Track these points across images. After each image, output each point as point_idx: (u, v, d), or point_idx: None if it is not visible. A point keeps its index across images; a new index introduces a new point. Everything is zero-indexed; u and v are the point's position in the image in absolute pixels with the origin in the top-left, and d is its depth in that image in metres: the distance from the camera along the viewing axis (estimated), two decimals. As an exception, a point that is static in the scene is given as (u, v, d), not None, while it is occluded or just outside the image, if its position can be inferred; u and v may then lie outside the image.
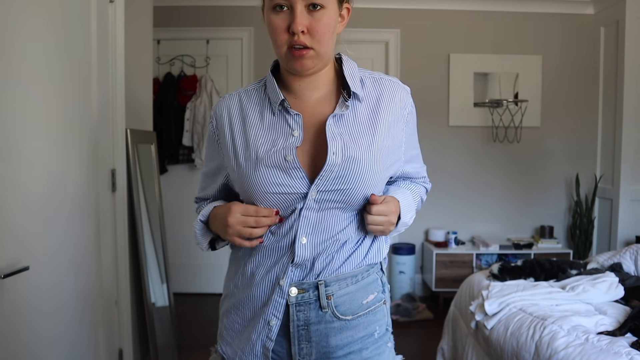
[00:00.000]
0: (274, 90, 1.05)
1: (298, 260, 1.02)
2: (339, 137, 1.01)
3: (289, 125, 1.04)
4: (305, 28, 0.97)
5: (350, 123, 1.04)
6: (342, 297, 1.05)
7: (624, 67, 3.77)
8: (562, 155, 4.26)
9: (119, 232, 2.21)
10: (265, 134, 1.05)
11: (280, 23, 0.98)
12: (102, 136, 2.04)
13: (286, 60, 1.01)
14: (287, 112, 1.04)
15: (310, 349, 1.05)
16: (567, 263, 2.70)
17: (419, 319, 3.70)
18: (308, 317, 1.04)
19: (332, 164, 0.99)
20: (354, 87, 1.05)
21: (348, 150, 1.01)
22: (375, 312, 1.10)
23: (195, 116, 4.07)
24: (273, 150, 1.02)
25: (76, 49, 1.81)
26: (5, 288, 1.37)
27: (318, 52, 1.00)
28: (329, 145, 1.00)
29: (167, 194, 3.76)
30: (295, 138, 1.02)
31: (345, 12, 1.06)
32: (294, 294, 1.03)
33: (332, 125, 1.02)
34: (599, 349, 1.79)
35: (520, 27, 4.17)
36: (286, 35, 0.98)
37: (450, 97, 4.16)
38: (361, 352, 1.07)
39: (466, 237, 4.26)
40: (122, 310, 2.24)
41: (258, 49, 4.12)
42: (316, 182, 1.00)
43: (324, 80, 1.07)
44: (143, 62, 2.73)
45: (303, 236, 1.02)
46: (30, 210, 1.51)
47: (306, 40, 0.97)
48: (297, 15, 0.96)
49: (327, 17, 0.98)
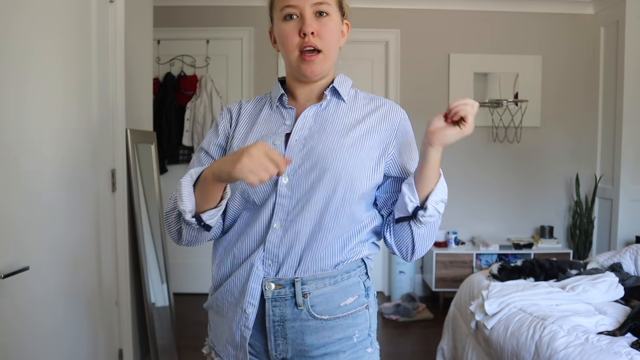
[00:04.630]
0: (277, 89, 1.16)
1: (268, 245, 1.05)
2: (307, 128, 1.09)
3: (283, 117, 1.13)
4: (314, 30, 1.07)
5: (328, 115, 1.12)
6: (318, 296, 1.06)
7: (624, 67, 3.77)
8: (562, 155, 4.26)
9: (119, 232, 2.21)
10: (260, 125, 1.14)
11: (292, 29, 1.08)
12: (102, 136, 2.04)
13: (297, 64, 1.09)
14: (284, 107, 1.14)
15: (286, 345, 1.07)
16: (567, 263, 2.70)
17: (419, 319, 3.70)
18: (284, 313, 1.06)
19: (292, 147, 1.06)
20: (337, 85, 1.14)
21: (317, 134, 1.08)
22: (355, 316, 1.09)
23: (195, 116, 4.07)
24: (264, 138, 1.09)
25: (76, 49, 1.81)
26: (5, 288, 1.37)
27: (326, 55, 1.09)
28: (292, 133, 1.08)
29: (167, 194, 3.76)
30: (287, 127, 1.11)
31: (345, 29, 1.17)
32: (270, 289, 1.05)
33: (309, 116, 1.11)
34: (599, 349, 1.79)
35: (520, 27, 4.17)
36: (297, 38, 1.08)
37: (450, 97, 4.15)
38: (338, 355, 1.07)
39: (466, 237, 4.26)
40: (122, 310, 2.24)
41: (258, 49, 4.12)
42: (287, 168, 1.03)
43: (319, 90, 1.16)
44: (143, 62, 2.73)
45: (276, 222, 1.05)
46: (30, 210, 1.51)
47: (316, 42, 1.07)
48: (307, 19, 1.07)
49: (332, 23, 1.10)
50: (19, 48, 1.44)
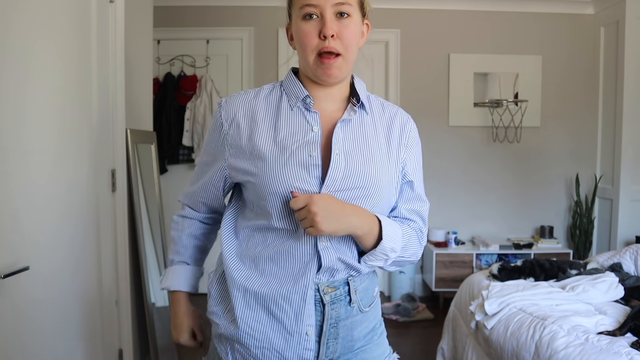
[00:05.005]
0: (297, 86, 1.08)
1: (326, 264, 1.04)
2: (342, 140, 1.06)
3: (308, 122, 1.06)
4: (335, 33, 1.02)
5: (355, 129, 1.09)
6: (362, 291, 1.10)
7: (624, 67, 3.77)
8: (562, 155, 4.26)
9: (119, 232, 2.21)
10: (282, 127, 1.06)
11: (311, 29, 1.03)
12: (102, 136, 2.04)
13: (314, 67, 1.05)
14: (307, 109, 1.07)
15: (337, 345, 1.08)
16: (567, 263, 2.70)
17: (419, 319, 3.70)
18: (339, 314, 1.07)
19: (336, 162, 1.03)
20: (362, 97, 1.11)
21: (352, 153, 1.05)
22: (378, 301, 1.18)
23: (195, 116, 4.07)
24: (296, 145, 1.03)
25: (76, 49, 1.81)
26: (5, 288, 1.37)
27: (345, 58, 1.04)
28: (332, 146, 1.04)
29: (167, 194, 3.76)
30: (315, 134, 1.05)
31: (365, 29, 1.12)
32: (328, 292, 1.05)
33: (339, 129, 1.06)
34: (599, 349, 1.79)
35: (520, 27, 4.17)
36: (317, 40, 1.03)
37: (450, 97, 4.16)
38: (373, 340, 1.14)
39: (466, 237, 4.26)
40: (122, 310, 2.24)
41: (258, 49, 4.12)
42: (326, 183, 1.02)
43: (341, 94, 1.11)
44: (143, 62, 2.73)
45: (323, 239, 1.04)
46: (30, 210, 1.51)
47: (336, 45, 1.03)
48: (328, 21, 1.01)
49: (353, 25, 1.05)
50: (19, 48, 1.44)
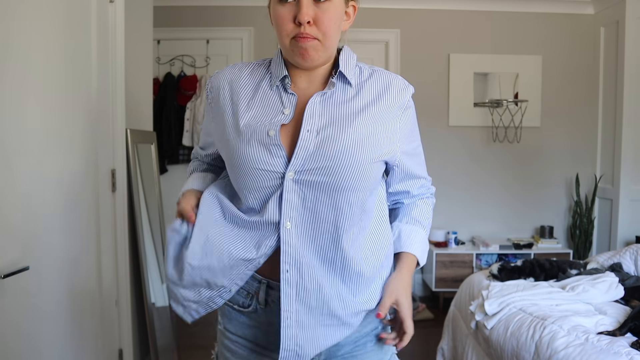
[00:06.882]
0: (279, 65, 1.04)
1: (284, 248, 0.98)
2: (318, 116, 1.00)
3: (282, 103, 1.03)
4: (311, 19, 0.96)
5: (336, 103, 1.02)
6: None
7: (624, 67, 3.76)
8: (562, 155, 4.26)
9: (119, 232, 2.21)
10: (255, 105, 1.03)
11: (287, 13, 0.97)
12: (102, 136, 2.04)
13: (290, 51, 1.00)
14: (284, 90, 1.04)
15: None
16: (567, 263, 2.70)
17: (419, 319, 3.69)
18: None
19: (305, 139, 0.97)
20: (343, 69, 1.04)
21: (326, 129, 0.99)
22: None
23: (195, 116, 4.06)
24: (257, 124, 1.00)
25: (76, 49, 1.81)
26: (5, 288, 1.37)
27: (323, 43, 0.99)
28: (303, 122, 0.99)
29: (167, 194, 3.75)
30: (285, 116, 1.01)
31: (351, 10, 1.06)
32: None
33: (316, 104, 1.01)
34: (599, 349, 1.79)
35: (520, 27, 4.17)
36: (292, 25, 0.97)
37: (450, 97, 4.16)
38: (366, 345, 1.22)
39: (466, 237, 4.26)
40: (122, 310, 2.24)
41: (258, 49, 4.12)
42: (292, 162, 0.97)
43: (324, 74, 1.06)
44: (143, 62, 2.73)
45: (287, 221, 0.99)
46: (30, 210, 1.51)
47: (312, 32, 0.97)
48: (303, 6, 0.95)
49: (333, 8, 0.98)
50: (19, 48, 1.44)
